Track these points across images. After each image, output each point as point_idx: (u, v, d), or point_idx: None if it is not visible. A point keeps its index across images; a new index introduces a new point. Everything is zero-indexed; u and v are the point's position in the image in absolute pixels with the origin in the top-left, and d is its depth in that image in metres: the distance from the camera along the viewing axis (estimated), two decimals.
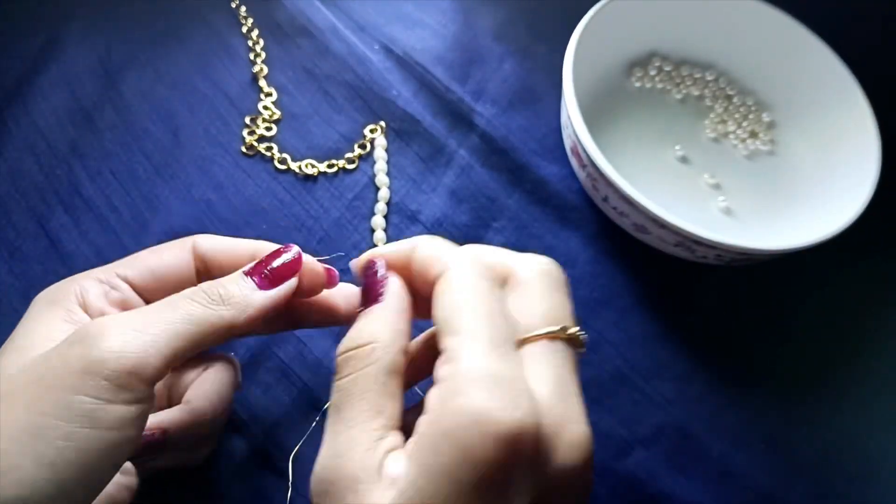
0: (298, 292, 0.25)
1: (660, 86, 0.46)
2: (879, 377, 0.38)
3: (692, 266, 0.39)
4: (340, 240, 0.37)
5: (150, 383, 0.21)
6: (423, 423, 0.19)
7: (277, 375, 0.33)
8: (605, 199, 0.37)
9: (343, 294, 0.27)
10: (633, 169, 0.39)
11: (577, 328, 0.21)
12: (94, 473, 0.20)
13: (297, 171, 0.39)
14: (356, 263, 0.25)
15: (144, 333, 0.20)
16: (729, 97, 0.47)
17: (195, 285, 0.24)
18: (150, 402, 0.21)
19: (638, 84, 0.46)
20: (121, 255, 0.35)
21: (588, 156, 0.35)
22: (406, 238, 0.26)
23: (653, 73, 0.47)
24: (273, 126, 0.40)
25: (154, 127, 0.39)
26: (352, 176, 0.39)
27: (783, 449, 0.35)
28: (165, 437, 0.25)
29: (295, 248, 0.25)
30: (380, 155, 0.39)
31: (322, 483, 0.19)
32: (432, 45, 0.44)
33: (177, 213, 0.36)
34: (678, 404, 0.35)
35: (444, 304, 0.21)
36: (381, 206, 0.38)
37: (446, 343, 0.20)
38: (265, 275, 0.24)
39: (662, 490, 0.33)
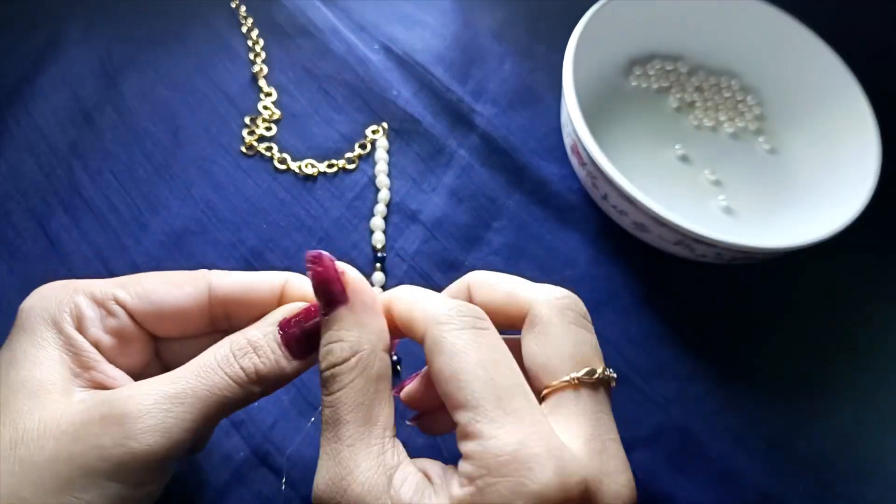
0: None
1: (659, 85, 0.46)
2: (879, 377, 0.38)
3: (692, 265, 0.38)
4: (340, 240, 0.37)
5: (180, 459, 0.21)
6: (463, 496, 0.18)
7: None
8: (605, 198, 0.37)
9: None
10: (633, 168, 0.39)
11: (604, 368, 0.21)
12: None
13: (297, 171, 0.39)
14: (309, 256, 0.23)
15: (178, 419, 0.20)
16: (729, 96, 0.47)
17: (204, 323, 0.24)
18: (172, 470, 0.22)
19: (637, 83, 0.46)
20: (120, 256, 0.35)
21: (588, 154, 0.35)
22: (405, 238, 0.25)
23: (652, 72, 0.47)
24: (273, 126, 0.40)
25: (154, 127, 0.39)
26: (352, 176, 0.39)
27: (783, 449, 0.35)
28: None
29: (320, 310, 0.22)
30: (381, 156, 0.39)
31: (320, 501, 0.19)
32: (432, 45, 0.44)
33: (177, 214, 0.36)
34: (678, 404, 0.35)
35: (439, 371, 0.19)
36: (380, 208, 0.38)
37: (458, 418, 0.19)
38: (297, 340, 0.22)
39: (662, 490, 0.33)
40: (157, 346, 0.25)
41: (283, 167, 0.39)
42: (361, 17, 0.45)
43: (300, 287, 0.24)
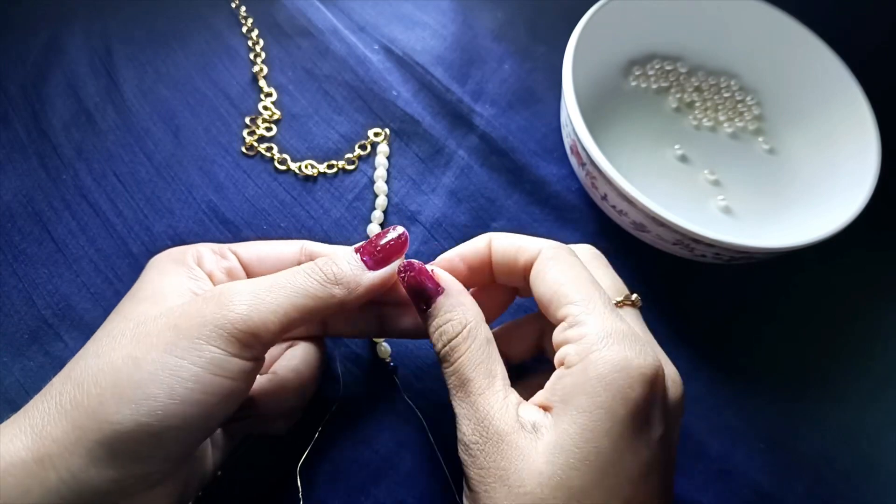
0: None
1: (658, 85, 0.46)
2: (879, 376, 0.38)
3: (691, 265, 0.39)
4: (341, 240, 0.37)
5: (267, 345, 0.23)
6: (565, 376, 0.22)
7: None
8: (605, 198, 0.37)
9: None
10: (633, 168, 0.39)
11: (636, 295, 0.27)
12: (212, 414, 0.22)
13: (297, 171, 0.39)
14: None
15: (268, 302, 0.23)
16: (729, 96, 0.47)
17: None
18: (261, 363, 0.24)
19: (637, 83, 0.46)
20: (127, 260, 0.35)
21: (587, 154, 0.35)
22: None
23: (652, 72, 0.47)
24: (273, 126, 0.41)
25: (155, 127, 0.39)
26: (352, 177, 0.39)
27: (782, 448, 0.35)
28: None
29: (400, 229, 0.27)
30: (381, 162, 0.39)
31: (472, 447, 0.23)
32: (432, 46, 0.44)
33: (179, 216, 0.37)
34: None
35: (552, 279, 0.24)
36: (377, 214, 0.38)
37: (565, 311, 0.23)
38: (375, 254, 0.26)
39: None
40: None
41: (283, 168, 0.39)
42: (361, 17, 0.45)
43: (315, 250, 0.29)
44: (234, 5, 0.45)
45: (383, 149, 0.40)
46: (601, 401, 0.21)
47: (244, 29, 0.44)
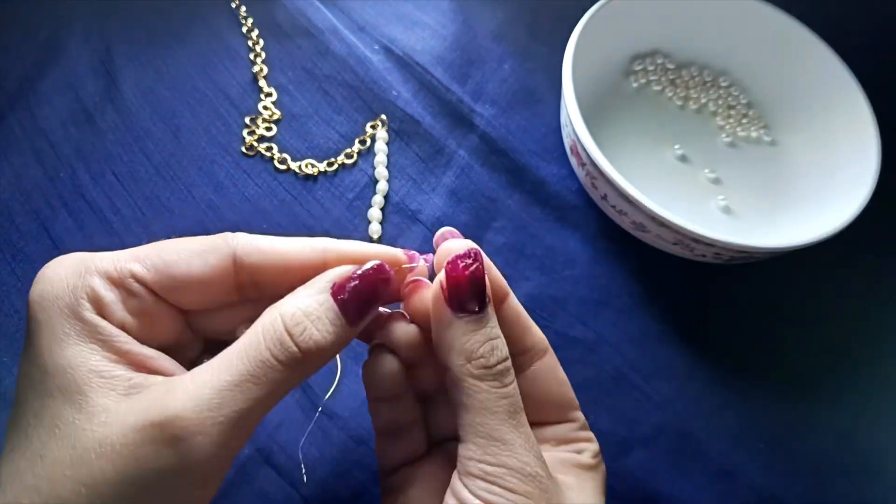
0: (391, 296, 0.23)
1: (658, 85, 0.46)
2: (879, 376, 0.38)
3: (691, 265, 0.39)
4: (341, 240, 0.37)
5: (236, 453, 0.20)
6: (585, 472, 0.24)
7: None
8: (605, 198, 0.37)
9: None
10: (633, 168, 0.39)
11: None
12: None
13: (298, 171, 0.39)
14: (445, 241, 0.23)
15: (236, 427, 0.19)
16: (728, 96, 0.47)
17: (231, 293, 0.22)
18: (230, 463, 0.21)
19: (637, 84, 0.46)
20: None
21: (587, 154, 0.35)
22: (405, 238, 0.26)
23: (652, 72, 0.47)
24: (273, 126, 0.41)
25: (155, 127, 0.39)
26: (352, 176, 0.39)
27: (783, 449, 0.35)
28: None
29: (383, 265, 0.21)
30: (380, 147, 0.40)
31: (540, 479, 0.21)
32: (432, 46, 0.44)
33: (179, 215, 0.37)
34: (678, 404, 0.35)
35: (562, 382, 0.26)
36: (378, 199, 0.38)
37: (576, 416, 0.26)
38: (354, 305, 0.21)
39: (662, 489, 0.33)
40: (185, 315, 0.23)
41: (283, 167, 0.39)
42: (361, 17, 0.45)
43: (344, 251, 0.23)
44: (234, 5, 0.45)
45: (382, 135, 0.40)
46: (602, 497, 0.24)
47: (244, 29, 0.44)
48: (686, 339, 0.37)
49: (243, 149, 0.39)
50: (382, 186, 0.38)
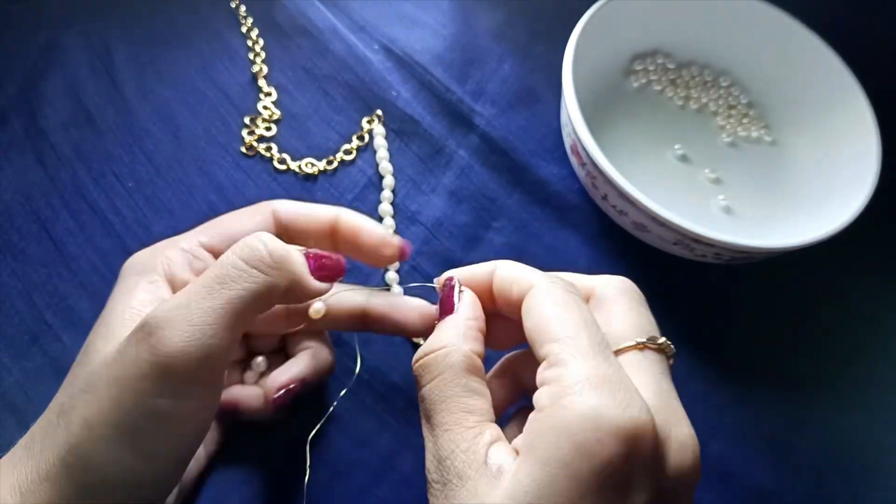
0: (366, 255, 0.28)
1: (659, 85, 0.46)
2: (879, 376, 0.38)
3: (691, 265, 0.39)
4: None
5: (221, 369, 0.23)
6: (535, 420, 0.19)
7: None
8: (605, 198, 0.37)
9: (416, 308, 0.28)
10: (633, 167, 0.39)
11: (665, 339, 0.23)
12: (183, 454, 0.22)
13: (297, 170, 0.39)
14: (438, 281, 0.26)
15: (204, 324, 0.21)
16: (729, 96, 0.47)
17: None
18: (222, 383, 0.23)
19: (637, 83, 0.46)
20: (124, 259, 0.35)
21: (587, 154, 0.35)
22: (405, 238, 0.26)
23: (652, 72, 0.47)
24: (273, 126, 0.40)
25: (155, 128, 0.39)
26: (351, 176, 0.39)
27: (783, 449, 0.35)
28: (304, 385, 0.28)
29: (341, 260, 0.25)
30: (380, 143, 0.40)
31: (432, 486, 0.20)
32: (432, 46, 0.44)
33: (179, 216, 0.37)
34: None
35: (538, 314, 0.22)
36: (386, 194, 0.38)
37: (547, 349, 0.20)
38: (317, 261, 0.24)
39: None
40: None
41: (282, 167, 0.39)
42: (361, 17, 0.45)
43: (350, 219, 0.28)
44: (233, 5, 0.45)
45: (379, 130, 0.40)
46: (562, 455, 0.18)
47: (244, 29, 0.44)
48: (686, 338, 0.37)
49: (243, 149, 0.39)
50: (389, 181, 0.38)
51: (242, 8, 0.45)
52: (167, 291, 0.24)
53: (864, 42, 0.43)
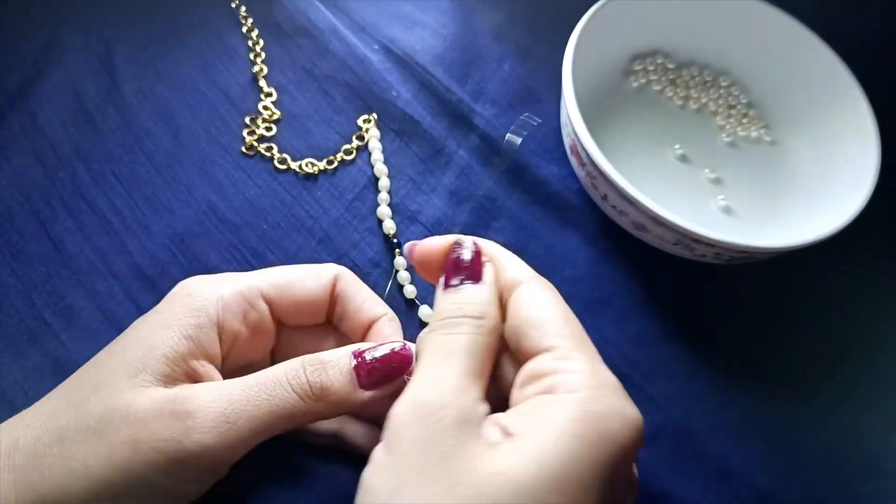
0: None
1: (659, 85, 0.46)
2: (879, 376, 0.38)
3: (692, 265, 0.39)
4: (340, 240, 0.37)
5: (231, 463, 0.23)
6: (555, 401, 0.20)
7: None
8: (605, 198, 0.37)
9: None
10: (633, 168, 0.39)
11: None
12: None
13: (298, 170, 0.39)
14: (446, 241, 0.26)
15: (237, 427, 0.21)
16: (728, 96, 0.47)
17: (323, 313, 0.27)
18: (225, 472, 0.24)
19: (637, 83, 0.46)
20: (124, 259, 0.35)
21: (587, 154, 0.35)
22: (405, 238, 0.26)
23: (652, 72, 0.47)
24: (273, 126, 0.41)
25: (155, 127, 0.39)
26: (351, 176, 0.39)
27: (783, 449, 0.35)
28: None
29: (403, 343, 0.25)
30: (374, 146, 0.40)
31: (420, 406, 0.20)
32: (432, 46, 0.44)
33: (179, 216, 0.37)
34: (678, 403, 0.35)
35: (543, 306, 0.23)
36: (383, 196, 0.38)
37: (555, 342, 0.21)
38: (372, 371, 0.24)
39: (662, 489, 0.33)
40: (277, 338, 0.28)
41: (283, 167, 0.39)
42: (361, 17, 0.45)
43: (382, 327, 0.28)
44: (233, 5, 0.45)
45: (374, 132, 0.40)
46: (594, 439, 0.19)
47: (244, 29, 0.44)
48: (686, 338, 0.37)
49: (243, 149, 0.39)
50: (384, 183, 0.38)
51: (242, 8, 0.45)
52: (214, 341, 0.24)
53: (864, 42, 0.43)
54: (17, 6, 0.42)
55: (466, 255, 0.24)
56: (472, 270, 0.24)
